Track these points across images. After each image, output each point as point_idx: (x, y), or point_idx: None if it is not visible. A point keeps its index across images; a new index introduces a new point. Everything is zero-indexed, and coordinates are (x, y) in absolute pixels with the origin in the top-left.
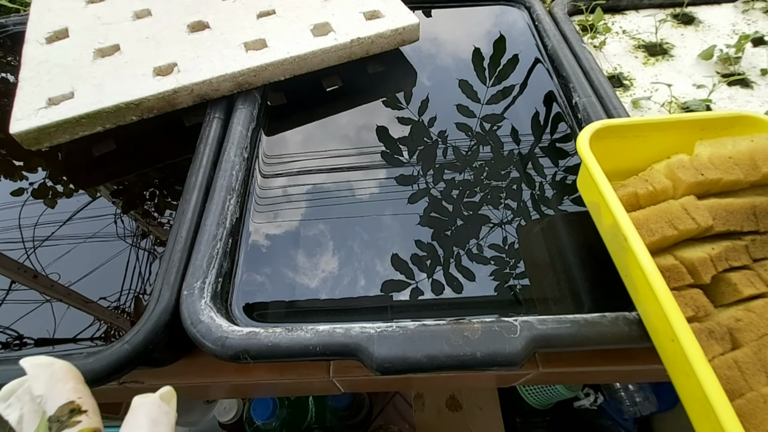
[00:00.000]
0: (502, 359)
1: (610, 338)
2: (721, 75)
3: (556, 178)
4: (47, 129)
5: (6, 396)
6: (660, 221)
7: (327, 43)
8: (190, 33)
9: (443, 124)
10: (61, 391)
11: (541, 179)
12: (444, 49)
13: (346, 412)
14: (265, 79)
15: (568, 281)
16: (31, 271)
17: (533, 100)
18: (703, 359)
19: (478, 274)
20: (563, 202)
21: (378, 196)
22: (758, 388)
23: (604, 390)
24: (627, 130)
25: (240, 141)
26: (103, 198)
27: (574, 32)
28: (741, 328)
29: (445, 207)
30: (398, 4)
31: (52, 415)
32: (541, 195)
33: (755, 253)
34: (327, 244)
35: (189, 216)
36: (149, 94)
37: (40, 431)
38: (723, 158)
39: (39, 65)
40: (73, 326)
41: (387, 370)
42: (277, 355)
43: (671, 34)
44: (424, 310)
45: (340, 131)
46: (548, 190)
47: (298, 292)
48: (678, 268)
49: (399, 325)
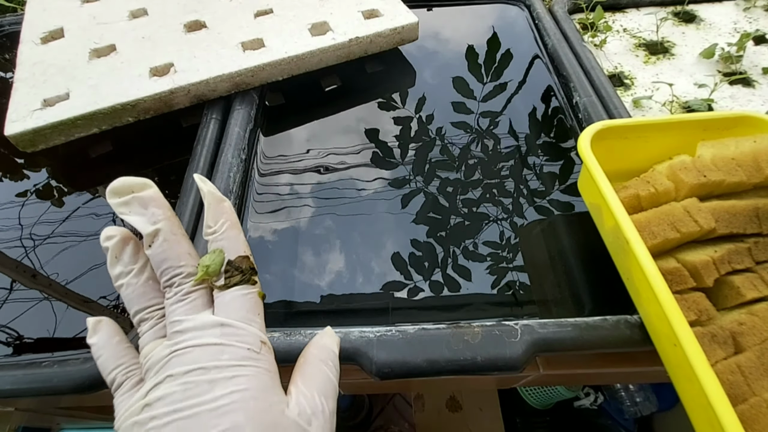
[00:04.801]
0: (503, 363)
1: (612, 342)
2: (722, 74)
3: (556, 179)
4: (42, 131)
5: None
6: (662, 224)
7: (325, 43)
8: (187, 33)
9: (443, 123)
10: (239, 239)
11: (542, 179)
12: (443, 48)
13: (346, 413)
14: (262, 80)
15: (569, 283)
16: (30, 270)
17: (533, 100)
18: (706, 364)
19: (479, 273)
20: (564, 202)
21: (378, 195)
22: (761, 393)
23: (605, 390)
24: (628, 130)
25: (237, 142)
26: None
27: (574, 31)
28: (744, 332)
29: (443, 205)
30: (397, 3)
31: (232, 260)
32: (542, 195)
33: (758, 255)
34: (326, 245)
35: (186, 218)
36: (146, 95)
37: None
38: (725, 159)
39: (34, 66)
40: (73, 326)
41: (387, 375)
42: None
43: (672, 32)
44: (425, 310)
45: (339, 131)
46: (549, 189)
47: (297, 294)
48: (680, 271)
49: (398, 329)
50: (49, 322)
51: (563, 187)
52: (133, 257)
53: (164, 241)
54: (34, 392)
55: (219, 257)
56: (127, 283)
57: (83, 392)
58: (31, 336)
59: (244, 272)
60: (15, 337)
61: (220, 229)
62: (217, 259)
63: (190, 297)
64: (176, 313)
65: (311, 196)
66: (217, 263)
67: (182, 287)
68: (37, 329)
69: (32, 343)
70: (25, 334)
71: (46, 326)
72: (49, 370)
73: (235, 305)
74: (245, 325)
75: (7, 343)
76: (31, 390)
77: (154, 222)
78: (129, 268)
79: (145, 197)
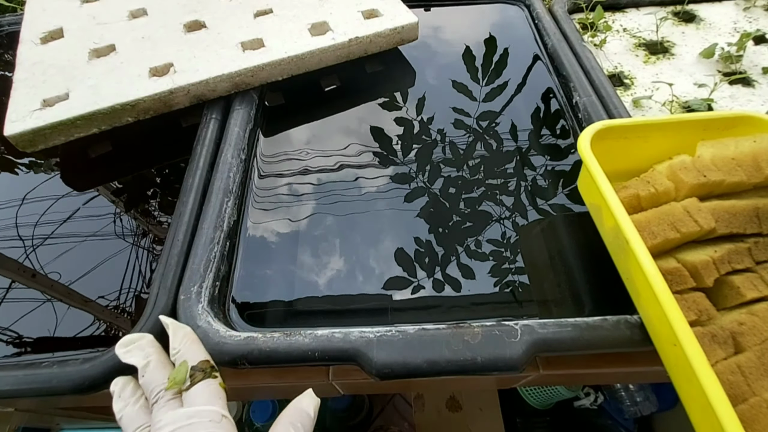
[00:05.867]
0: (503, 364)
1: (612, 342)
2: (722, 74)
3: (557, 178)
4: (42, 131)
5: (126, 344)
6: (662, 224)
7: (325, 43)
8: (187, 33)
9: (443, 123)
10: (199, 349)
11: (543, 178)
12: (444, 48)
13: (345, 414)
14: (262, 80)
15: (569, 283)
16: (30, 271)
17: (534, 100)
18: (706, 364)
19: (480, 272)
20: (564, 203)
21: (378, 195)
22: (761, 393)
23: (605, 390)
24: (628, 130)
25: (237, 142)
26: (101, 197)
27: (574, 30)
28: (744, 332)
29: (443, 204)
30: (397, 2)
31: (194, 365)
32: (542, 194)
33: (758, 255)
34: (326, 245)
35: (186, 219)
36: (145, 95)
37: (179, 375)
38: (725, 159)
39: (33, 66)
40: (73, 326)
41: (387, 376)
42: (275, 361)
43: (672, 32)
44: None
45: (338, 131)
46: (549, 189)
47: (297, 294)
48: (680, 271)
49: (398, 329)
50: (50, 323)
51: (562, 187)
52: (132, 393)
53: (153, 368)
54: (33, 393)
55: (183, 367)
56: (126, 413)
57: (82, 393)
58: (30, 336)
59: (205, 371)
60: (15, 338)
61: (182, 347)
62: (181, 369)
63: (169, 404)
64: (157, 416)
65: (311, 196)
66: (182, 372)
67: (163, 398)
68: (37, 329)
69: (32, 343)
70: (25, 335)
71: (46, 327)
72: (49, 371)
73: (199, 394)
74: (208, 406)
75: (7, 343)
76: (30, 391)
77: (146, 357)
78: (127, 401)
79: (142, 343)
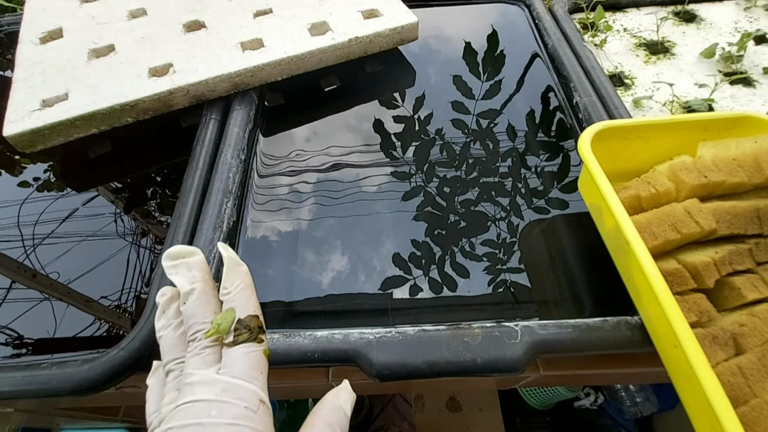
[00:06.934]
0: (503, 365)
1: (612, 343)
2: (723, 74)
3: (556, 178)
4: (41, 131)
5: (174, 256)
6: (663, 224)
7: (325, 43)
8: (186, 33)
9: (442, 123)
10: (251, 300)
11: (542, 179)
12: (444, 48)
13: None
14: (262, 80)
15: (569, 284)
16: (31, 271)
17: (533, 100)
18: (707, 366)
19: (479, 273)
20: (563, 202)
21: (378, 195)
22: (762, 394)
23: (605, 390)
24: (629, 131)
25: (237, 143)
26: (101, 197)
27: (574, 30)
28: (745, 333)
29: (441, 204)
30: (397, 2)
31: (242, 318)
32: (541, 195)
33: (759, 256)
34: (325, 245)
35: (185, 219)
36: (145, 96)
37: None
38: (726, 160)
39: (33, 66)
40: (73, 326)
41: (386, 377)
42: (274, 362)
43: (673, 32)
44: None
45: (338, 131)
46: (549, 189)
47: (296, 294)
48: (681, 272)
49: (398, 330)
50: (49, 323)
51: (563, 187)
52: (176, 313)
53: (196, 299)
54: (32, 394)
55: (230, 315)
56: (165, 335)
57: (82, 394)
58: (30, 336)
59: (252, 330)
60: (15, 338)
61: (234, 290)
62: (228, 317)
63: (205, 352)
64: (190, 365)
65: (310, 196)
66: (227, 321)
67: (201, 342)
68: (38, 330)
69: (32, 343)
70: (25, 335)
71: (45, 327)
72: (48, 372)
73: (240, 362)
74: (245, 383)
75: (6, 344)
76: (29, 392)
77: (192, 282)
78: (170, 321)
79: (191, 262)
